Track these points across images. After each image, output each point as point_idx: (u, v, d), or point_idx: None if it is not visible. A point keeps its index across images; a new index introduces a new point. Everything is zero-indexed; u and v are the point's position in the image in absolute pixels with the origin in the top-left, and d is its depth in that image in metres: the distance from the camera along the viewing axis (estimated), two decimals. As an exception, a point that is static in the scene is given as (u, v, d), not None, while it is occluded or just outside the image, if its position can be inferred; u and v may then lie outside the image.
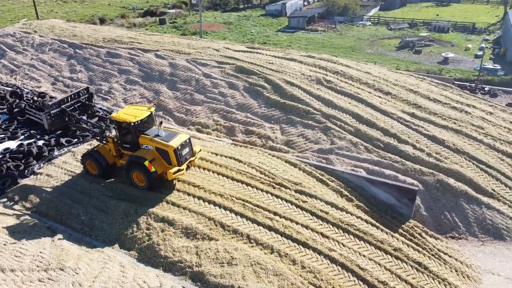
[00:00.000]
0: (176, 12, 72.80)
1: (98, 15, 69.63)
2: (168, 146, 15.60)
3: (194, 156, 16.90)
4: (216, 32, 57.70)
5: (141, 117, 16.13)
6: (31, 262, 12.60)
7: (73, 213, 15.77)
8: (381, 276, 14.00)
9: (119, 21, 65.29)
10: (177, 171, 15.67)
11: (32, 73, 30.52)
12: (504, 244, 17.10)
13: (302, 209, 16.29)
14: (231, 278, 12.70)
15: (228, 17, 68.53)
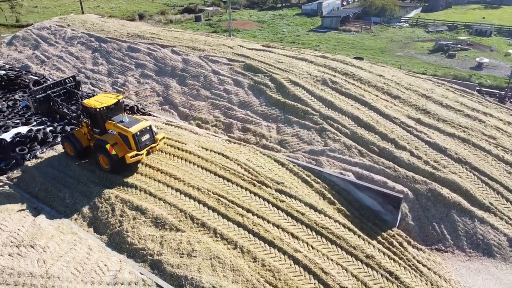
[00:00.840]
0: (213, 9, 74.09)
1: (140, 11, 72.38)
2: (128, 131, 16.48)
3: (156, 143, 17.61)
4: (248, 30, 58.13)
5: (107, 104, 17.02)
6: (6, 238, 13.59)
7: (59, 196, 16.74)
8: (344, 282, 13.72)
9: (158, 17, 67.52)
10: (135, 156, 16.59)
11: (59, 64, 32.44)
12: (493, 261, 16.14)
13: (278, 209, 16.26)
14: (187, 269, 12.99)
15: (263, 16, 68.79)
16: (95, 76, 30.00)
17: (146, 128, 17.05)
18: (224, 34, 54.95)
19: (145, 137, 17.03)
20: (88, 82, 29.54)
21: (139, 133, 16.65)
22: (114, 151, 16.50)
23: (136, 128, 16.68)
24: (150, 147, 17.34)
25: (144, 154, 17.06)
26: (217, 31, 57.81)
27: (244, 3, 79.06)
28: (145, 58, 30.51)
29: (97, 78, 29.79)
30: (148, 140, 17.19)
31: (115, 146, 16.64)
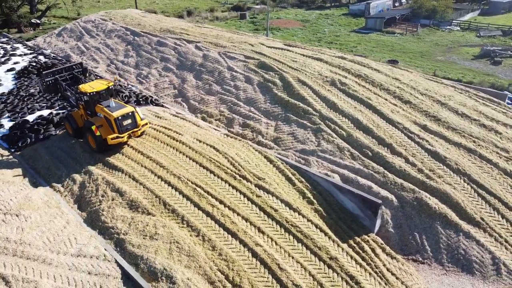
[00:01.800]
0: (260, 8, 74.83)
1: (191, 8, 74.99)
2: (111, 115, 17.87)
3: (138, 128, 18.92)
4: (289, 29, 58.20)
5: (97, 89, 18.60)
6: (-2, 206, 15.25)
7: (57, 174, 18.33)
8: (299, 280, 13.80)
9: (205, 14, 69.54)
10: (115, 138, 18.11)
11: (95, 55, 34.89)
12: (470, 278, 15.31)
13: (252, 203, 16.60)
14: (145, 250, 13.81)
15: (308, 15, 68.38)
16: (123, 67, 31.93)
17: (128, 113, 18.36)
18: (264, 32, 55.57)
19: (127, 122, 18.38)
20: (116, 73, 31.51)
21: (120, 117, 18.03)
22: (98, 132, 18.03)
23: (118, 113, 18.03)
24: (131, 131, 18.74)
25: (125, 137, 18.49)
26: (258, 29, 58.54)
27: (292, 1, 79.05)
28: (170, 53, 31.93)
29: (125, 69, 31.69)
30: (129, 125, 18.54)
31: (100, 128, 18.15)
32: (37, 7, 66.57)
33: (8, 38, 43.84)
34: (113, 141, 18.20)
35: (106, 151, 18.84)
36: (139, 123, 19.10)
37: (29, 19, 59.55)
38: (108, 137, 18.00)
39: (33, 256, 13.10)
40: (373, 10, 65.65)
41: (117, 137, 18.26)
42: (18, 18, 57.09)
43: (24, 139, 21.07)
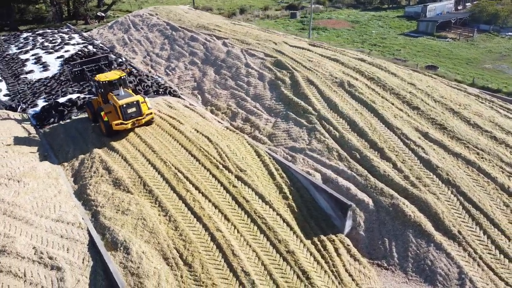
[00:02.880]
0: (314, 7, 74.48)
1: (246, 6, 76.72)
2: (117, 102, 19.38)
3: (142, 117, 20.23)
4: (336, 29, 57.57)
5: (110, 79, 20.28)
6: (5, 172, 17.61)
7: (66, 150, 20.55)
8: (249, 267, 14.44)
9: (257, 12, 70.80)
10: (119, 124, 19.67)
11: (136, 47, 37.60)
12: (430, 289, 14.91)
13: (227, 192, 17.45)
14: (113, 223, 15.28)
15: (361, 16, 66.93)
16: (156, 59, 34.16)
17: (133, 102, 19.85)
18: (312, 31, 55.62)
19: (131, 110, 19.86)
20: (150, 65, 33.81)
21: (125, 105, 19.55)
22: (106, 118, 19.70)
23: (124, 101, 19.57)
24: (136, 119, 20.15)
25: (129, 124, 19.97)
26: (305, 28, 58.49)
27: (348, 2, 77.68)
28: (199, 47, 33.56)
29: (157, 61, 33.89)
30: (134, 113, 19.99)
31: (109, 114, 19.83)
32: (103, 1, 72.20)
33: (69, 29, 48.44)
34: (117, 127, 19.86)
35: (113, 136, 20.55)
36: (144, 112, 20.49)
37: (95, 12, 64.99)
38: (113, 122, 19.69)
39: (19, 216, 15.12)
40: (431, 13, 62.65)
41: (121, 123, 19.86)
42: (85, 11, 62.54)
43: (49, 118, 23.72)
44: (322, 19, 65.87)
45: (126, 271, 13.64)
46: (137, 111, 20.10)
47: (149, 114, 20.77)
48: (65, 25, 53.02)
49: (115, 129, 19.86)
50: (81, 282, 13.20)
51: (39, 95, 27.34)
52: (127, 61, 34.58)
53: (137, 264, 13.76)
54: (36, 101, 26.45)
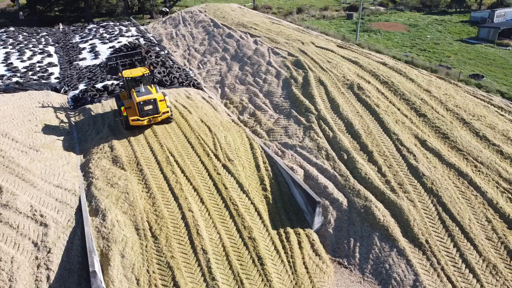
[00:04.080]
0: (375, 9, 72.64)
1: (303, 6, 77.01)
2: (135, 99, 20.51)
3: (158, 114, 20.98)
4: (390, 32, 55.96)
5: (133, 75, 21.44)
6: (29, 142, 20.58)
7: (86, 129, 23.26)
8: (208, 247, 15.67)
9: (314, 12, 70.77)
10: (136, 120, 20.61)
11: (179, 41, 40.26)
12: (382, 292, 15.03)
13: (209, 178, 18.81)
14: (100, 193, 17.35)
15: (422, 20, 64.06)
16: (194, 54, 36.42)
17: (150, 100, 20.55)
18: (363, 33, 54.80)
19: (148, 107, 20.60)
20: (187, 58, 36.16)
21: (142, 102, 20.38)
22: (125, 113, 20.73)
23: (141, 98, 20.42)
24: (152, 117, 20.91)
25: (145, 121, 20.80)
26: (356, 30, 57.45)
27: (412, 4, 74.46)
28: (232, 44, 35.18)
29: (194, 55, 36.14)
30: (150, 110, 20.69)
31: (128, 110, 20.78)
32: (170, -3, 76.90)
33: (130, 22, 52.77)
34: (133, 123, 20.68)
35: (131, 130, 21.49)
36: (160, 110, 21.03)
37: (160, 7, 69.64)
38: (130, 118, 20.57)
39: (27, 179, 17.81)
40: (499, 18, 58.28)
41: (137, 119, 20.63)
42: (151, 6, 67.32)
43: (83, 100, 26.82)
44: (379, 21, 64.23)
45: (99, 234, 15.61)
46: (154, 109, 20.73)
47: (166, 113, 21.31)
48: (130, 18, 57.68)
49: (131, 124, 20.80)
50: (60, 239, 15.38)
51: (82, 80, 30.76)
52: (169, 53, 37.26)
53: (109, 230, 15.67)
54: (78, 85, 29.83)
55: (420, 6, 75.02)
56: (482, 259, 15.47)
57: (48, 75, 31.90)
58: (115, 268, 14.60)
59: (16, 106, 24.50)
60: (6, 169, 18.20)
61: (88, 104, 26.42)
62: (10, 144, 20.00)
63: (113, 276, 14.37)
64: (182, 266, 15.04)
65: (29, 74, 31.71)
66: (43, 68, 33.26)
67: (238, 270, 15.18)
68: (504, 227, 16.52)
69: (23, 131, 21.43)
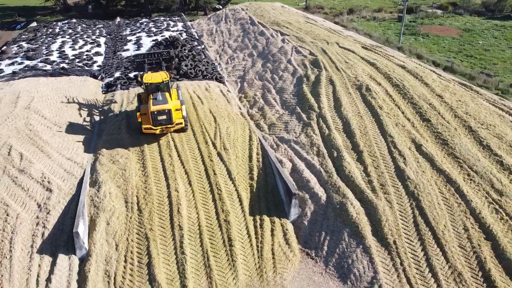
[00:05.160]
0: (432, 12, 69.53)
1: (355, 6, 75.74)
2: (150, 107, 20.23)
3: (171, 125, 20.73)
4: (439, 37, 53.69)
5: (152, 81, 21.20)
6: (55, 119, 23.34)
7: (107, 112, 25.69)
8: (185, 225, 17.02)
9: (365, 13, 69.41)
10: (148, 128, 20.55)
11: (217, 37, 42.17)
12: (339, 285, 15.46)
13: (202, 163, 20.23)
14: (102, 168, 19.41)
15: (480, 25, 60.44)
16: (226, 49, 38.09)
17: (164, 110, 20.17)
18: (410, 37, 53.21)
19: (162, 117, 20.26)
20: (219, 53, 37.91)
21: (156, 112, 20.08)
22: (140, 119, 20.74)
23: (156, 107, 20.11)
24: (165, 126, 20.73)
25: (157, 130, 20.66)
26: (404, 33, 55.69)
27: (474, 8, 70.17)
28: (262, 42, 36.31)
29: (226, 51, 37.80)
30: (163, 120, 20.38)
31: (143, 116, 20.64)
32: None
33: (180, 18, 55.79)
34: (146, 130, 20.62)
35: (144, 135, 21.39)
36: (174, 121, 20.68)
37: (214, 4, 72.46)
38: (143, 125, 20.53)
39: (45, 150, 20.42)
40: None
41: (150, 128, 20.49)
42: (204, 3, 70.31)
43: (114, 86, 29.51)
44: (432, 25, 61.66)
45: (91, 203, 17.65)
46: (167, 119, 20.40)
47: (179, 124, 21.10)
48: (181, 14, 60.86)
49: (144, 132, 20.80)
50: (60, 203, 17.61)
51: (119, 69, 33.62)
52: (205, 48, 39.28)
53: (100, 200, 17.66)
54: (115, 73, 32.71)
55: (482, 10, 70.62)
56: (448, 266, 15.34)
57: (92, 63, 35.22)
58: (99, 233, 16.51)
59: (54, 88, 27.66)
60: (30, 140, 20.97)
61: (118, 90, 29.02)
62: (39, 120, 22.88)
63: (96, 239, 16.29)
64: (158, 238, 16.60)
65: (76, 61, 35.21)
66: (89, 56, 36.73)
67: (208, 248, 16.43)
68: (481, 237, 16.14)
69: (53, 110, 24.31)
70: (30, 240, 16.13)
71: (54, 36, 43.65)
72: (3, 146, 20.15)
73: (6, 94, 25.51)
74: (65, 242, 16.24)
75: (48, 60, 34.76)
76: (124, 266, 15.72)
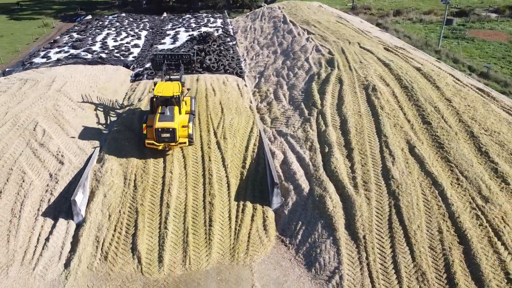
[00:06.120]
0: (485, 15, 65.83)
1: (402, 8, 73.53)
2: (154, 124, 19.88)
3: (175, 143, 20.26)
4: (485, 41, 51.11)
5: (162, 94, 20.63)
6: (79, 102, 25.88)
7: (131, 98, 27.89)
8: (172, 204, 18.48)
9: (413, 15, 67.21)
10: (151, 144, 20.21)
11: (249, 34, 43.50)
12: (304, 272, 16.09)
13: (201, 150, 21.61)
14: (110, 147, 21.48)
15: (537, 31, 56.46)
16: (254, 46, 39.32)
17: (168, 128, 19.77)
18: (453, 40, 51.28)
19: (165, 135, 19.90)
20: (248, 50, 39.22)
21: (160, 129, 19.71)
22: (145, 131, 20.35)
23: (160, 124, 19.71)
24: (168, 144, 20.26)
25: (160, 147, 20.24)
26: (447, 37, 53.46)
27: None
28: (288, 40, 37.08)
29: (254, 48, 39.02)
30: (167, 138, 19.99)
31: (149, 129, 20.19)
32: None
33: (221, 14, 57.79)
34: (148, 145, 20.31)
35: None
36: (178, 140, 20.24)
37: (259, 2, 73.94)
38: (146, 140, 20.27)
39: (65, 128, 22.87)
40: None
41: (153, 144, 20.16)
42: (250, 1, 72.01)
43: (140, 76, 31.84)
44: (481, 29, 58.68)
45: (94, 176, 19.69)
46: (171, 137, 20.02)
47: (183, 143, 20.61)
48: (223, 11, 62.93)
49: (146, 146, 20.44)
50: (68, 175, 19.83)
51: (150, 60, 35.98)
52: (236, 44, 40.78)
53: (102, 174, 19.65)
54: (146, 64, 35.12)
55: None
56: (413, 265, 15.49)
57: (128, 54, 38.00)
58: (96, 203, 18.47)
59: (87, 74, 30.45)
60: (54, 119, 23.57)
61: (143, 79, 31.29)
62: (66, 102, 25.52)
63: (92, 209, 18.26)
64: (146, 213, 18.24)
65: (115, 51, 38.15)
66: (127, 48, 39.58)
67: (189, 226, 17.80)
68: (455, 240, 16.07)
69: (81, 94, 26.93)
70: (37, 204, 18.41)
71: (102, 28, 47.29)
72: (31, 122, 22.87)
73: (44, 78, 28.59)
74: (66, 209, 18.31)
75: (90, 49, 37.98)
76: (112, 234, 17.49)
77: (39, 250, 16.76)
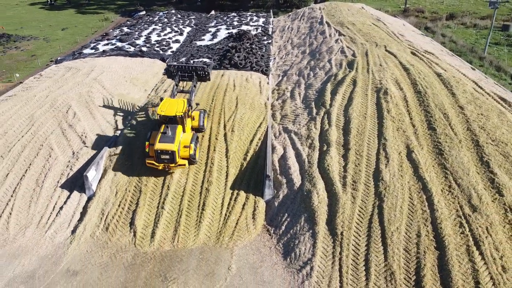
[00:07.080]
0: (549, 22, 61.01)
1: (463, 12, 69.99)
2: (155, 144, 19.71)
3: (174, 165, 20.04)
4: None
5: (165, 113, 20.24)
6: (112, 91, 28.46)
7: (158, 89, 30.09)
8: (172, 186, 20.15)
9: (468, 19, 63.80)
10: (151, 163, 20.11)
11: (285, 34, 44.39)
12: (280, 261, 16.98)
13: (208, 141, 23.12)
14: (127, 132, 23.64)
15: None
16: (286, 45, 40.19)
17: (168, 150, 19.53)
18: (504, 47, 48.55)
19: (165, 157, 19.67)
20: (280, 49, 40.22)
21: (159, 151, 19.51)
22: (147, 149, 20.42)
23: (160, 146, 19.51)
24: (167, 165, 20.04)
25: (160, 167, 20.04)
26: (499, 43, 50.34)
27: None
28: (319, 40, 37.54)
29: (286, 47, 39.89)
30: (166, 159, 19.79)
31: (151, 147, 20.15)
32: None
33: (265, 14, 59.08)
34: (148, 164, 20.22)
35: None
36: (177, 161, 19.97)
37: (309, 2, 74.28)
38: (147, 159, 20.21)
39: (93, 112, 25.40)
40: None
41: (153, 164, 20.05)
42: (298, 1, 72.58)
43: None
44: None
45: (109, 157, 21.90)
46: (170, 159, 19.81)
47: (182, 165, 20.31)
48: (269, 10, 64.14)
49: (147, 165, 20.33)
50: (88, 153, 22.20)
51: (186, 55, 38.21)
52: (271, 43, 41.94)
53: (116, 155, 21.81)
54: (181, 59, 37.36)
55: None
56: (384, 264, 15.87)
57: (168, 48, 40.50)
58: (106, 180, 20.63)
59: (124, 66, 33.18)
60: (86, 103, 26.26)
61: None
62: (98, 89, 28.22)
63: (102, 185, 20.43)
64: (148, 193, 20.08)
65: (155, 46, 40.86)
66: (167, 43, 42.16)
67: (184, 207, 19.38)
68: (432, 245, 16.17)
69: (113, 83, 29.57)
70: (58, 177, 20.93)
71: (150, 23, 50.50)
72: (65, 106, 25.72)
73: (85, 67, 31.65)
74: (81, 183, 20.65)
75: (134, 43, 40.97)
76: (116, 209, 19.51)
77: (53, 216, 19.16)
